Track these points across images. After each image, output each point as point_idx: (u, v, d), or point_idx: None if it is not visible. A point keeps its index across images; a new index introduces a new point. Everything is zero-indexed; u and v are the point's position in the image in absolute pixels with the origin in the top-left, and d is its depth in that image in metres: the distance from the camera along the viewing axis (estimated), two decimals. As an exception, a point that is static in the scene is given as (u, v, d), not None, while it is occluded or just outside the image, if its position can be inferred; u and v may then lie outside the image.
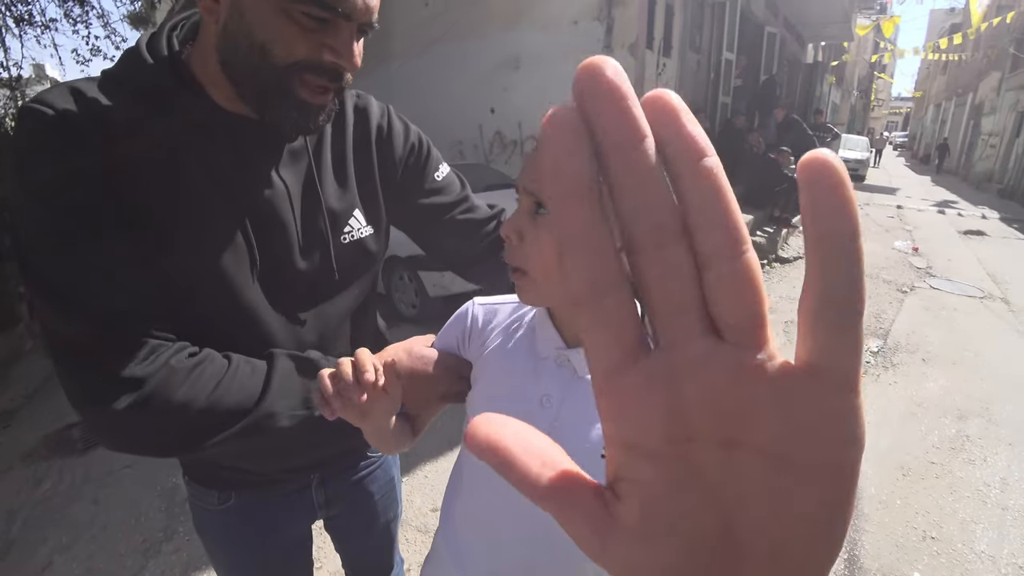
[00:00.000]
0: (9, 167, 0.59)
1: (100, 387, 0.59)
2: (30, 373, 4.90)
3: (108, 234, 0.60)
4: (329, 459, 0.94)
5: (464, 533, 0.71)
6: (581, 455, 0.45)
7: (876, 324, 4.46)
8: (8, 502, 2.78)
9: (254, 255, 0.70)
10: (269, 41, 0.60)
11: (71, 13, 5.87)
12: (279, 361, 0.69)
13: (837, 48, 14.29)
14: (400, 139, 0.87)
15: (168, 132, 0.64)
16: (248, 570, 0.95)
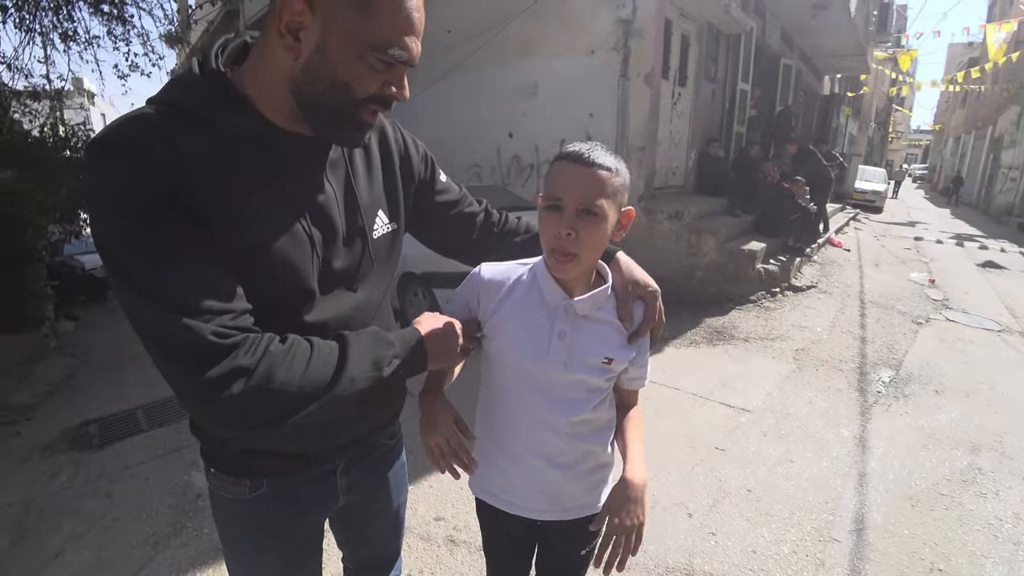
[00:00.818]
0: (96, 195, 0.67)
1: (214, 380, 0.65)
2: (52, 371, 5.04)
3: (194, 245, 0.68)
4: (354, 443, 1.00)
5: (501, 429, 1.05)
6: (590, 365, 0.97)
7: (888, 355, 4.42)
8: (25, 491, 2.86)
9: (315, 248, 0.81)
10: (351, 80, 0.73)
11: (114, 31, 6.16)
12: (349, 339, 0.79)
13: (854, 80, 14.37)
14: (415, 152, 1.04)
15: (228, 149, 0.73)
16: (270, 559, 0.98)
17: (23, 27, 5.60)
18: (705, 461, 2.86)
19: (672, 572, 2.08)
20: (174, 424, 3.58)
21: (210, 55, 0.78)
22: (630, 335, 0.99)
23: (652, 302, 1.01)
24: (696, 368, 4.18)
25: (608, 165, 0.88)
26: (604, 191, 0.88)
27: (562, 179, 0.89)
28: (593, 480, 1.08)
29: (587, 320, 0.98)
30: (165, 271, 0.66)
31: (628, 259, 1.05)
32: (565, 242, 0.88)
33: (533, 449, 1.02)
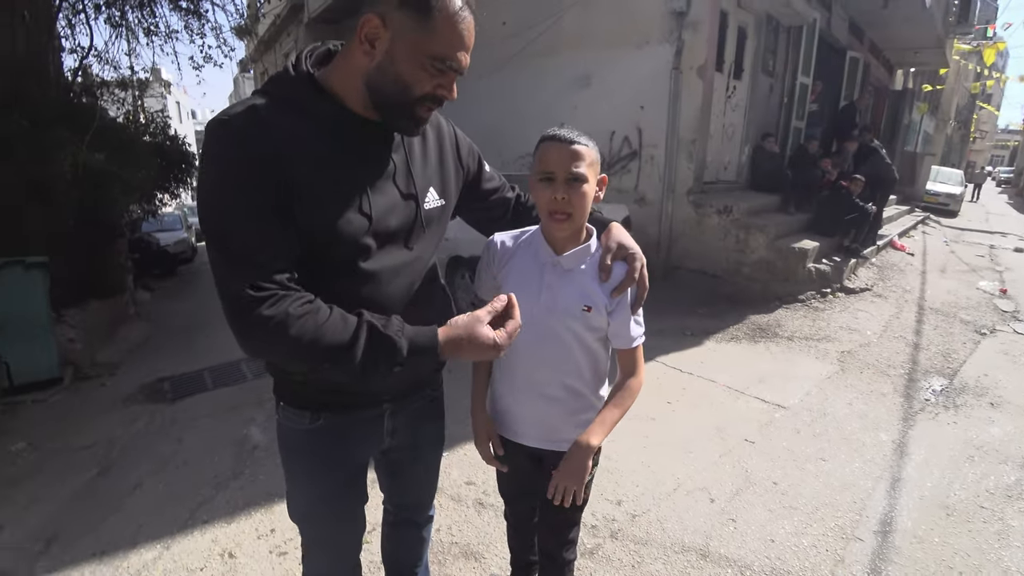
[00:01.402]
0: (202, 164, 0.89)
1: (243, 322, 0.85)
2: (132, 334, 5.57)
3: (266, 213, 0.86)
4: (403, 388, 1.17)
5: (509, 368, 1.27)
6: (571, 312, 1.10)
7: (943, 363, 4.24)
8: (111, 432, 3.26)
9: (369, 212, 0.97)
10: (411, 81, 0.92)
11: (191, 25, 6.63)
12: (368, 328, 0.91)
13: (931, 75, 13.46)
14: (465, 144, 1.24)
15: (314, 129, 0.92)
16: (324, 484, 1.15)
17: (112, 23, 6.12)
18: (733, 451, 2.89)
19: (687, 551, 2.15)
20: (236, 385, 3.93)
21: (300, 57, 0.98)
22: (612, 290, 1.16)
23: (632, 262, 1.16)
24: (735, 363, 4.16)
25: (584, 142, 1.11)
26: (585, 161, 1.10)
27: (551, 155, 1.10)
28: (583, 419, 1.24)
29: (572, 273, 1.18)
30: (240, 232, 0.85)
31: (620, 229, 1.22)
32: (560, 204, 1.10)
33: (530, 382, 1.25)
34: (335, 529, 1.20)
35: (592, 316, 1.17)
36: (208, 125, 0.88)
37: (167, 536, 2.28)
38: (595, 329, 1.20)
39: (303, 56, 0.99)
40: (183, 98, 29.03)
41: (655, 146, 6.21)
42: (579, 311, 1.17)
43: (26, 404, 3.76)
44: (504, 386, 1.30)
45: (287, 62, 0.98)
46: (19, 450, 3.09)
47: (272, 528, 2.30)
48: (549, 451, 1.27)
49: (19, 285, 3.83)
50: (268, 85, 0.96)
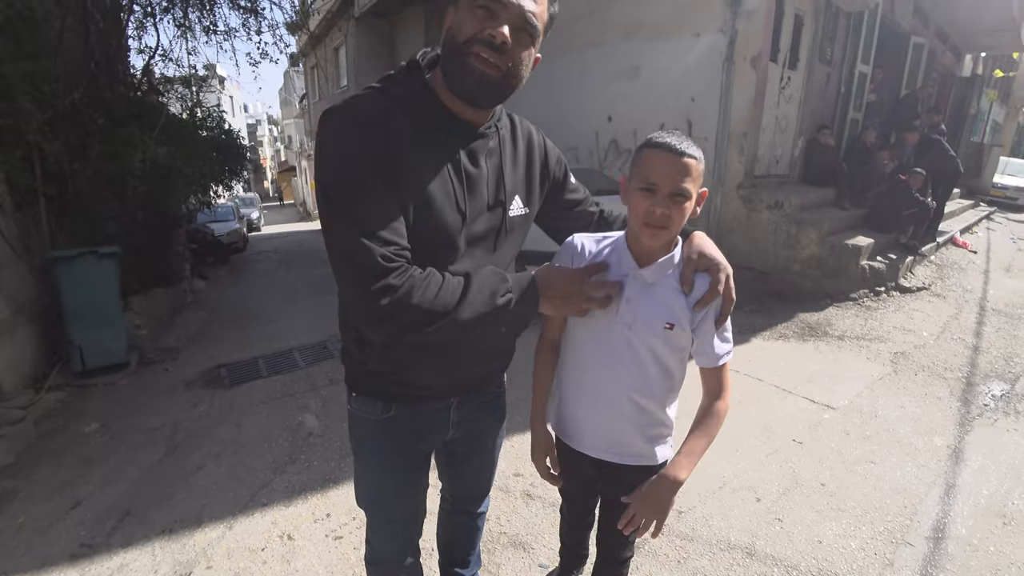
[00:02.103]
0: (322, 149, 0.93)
1: (372, 290, 0.89)
2: (191, 321, 5.87)
3: (385, 194, 0.92)
4: (468, 384, 1.22)
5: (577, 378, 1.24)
6: (653, 328, 1.07)
7: (1005, 367, 4.03)
8: (174, 415, 3.47)
9: (464, 213, 1.02)
10: (455, 28, 0.93)
11: (248, 23, 6.89)
12: (473, 274, 0.99)
13: (1004, 60, 12.57)
14: (553, 155, 1.26)
15: (422, 129, 0.97)
16: (395, 472, 1.21)
17: (176, 23, 6.43)
18: (780, 452, 2.85)
19: (733, 549, 2.16)
20: (289, 373, 4.11)
21: (416, 59, 1.04)
22: (694, 303, 1.08)
23: (716, 273, 1.08)
24: (783, 361, 4.07)
25: (695, 154, 1.02)
26: (691, 176, 1.02)
27: (657, 166, 1.02)
28: (651, 434, 1.21)
29: (654, 287, 1.11)
30: (363, 206, 0.90)
31: (703, 237, 1.16)
32: (659, 219, 1.03)
33: (597, 395, 1.20)
34: (399, 514, 1.27)
35: (675, 334, 1.11)
36: (326, 112, 0.94)
37: (229, 516, 2.42)
38: (678, 348, 1.14)
39: (419, 57, 1.04)
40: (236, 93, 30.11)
41: (705, 139, 6.07)
42: (661, 328, 1.10)
43: (97, 387, 4.03)
44: (570, 393, 1.27)
45: (403, 63, 1.04)
46: (92, 431, 3.32)
47: (328, 513, 2.42)
48: (611, 462, 1.25)
49: (92, 274, 4.10)
50: (383, 81, 1.01)
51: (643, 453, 1.22)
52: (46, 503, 2.58)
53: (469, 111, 1.01)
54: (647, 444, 1.22)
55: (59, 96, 4.28)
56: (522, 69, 0.97)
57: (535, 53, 1.00)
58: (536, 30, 0.95)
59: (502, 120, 1.12)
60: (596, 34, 6.85)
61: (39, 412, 3.52)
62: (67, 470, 2.87)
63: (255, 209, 19.90)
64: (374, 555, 1.32)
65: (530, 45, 0.96)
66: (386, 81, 1.01)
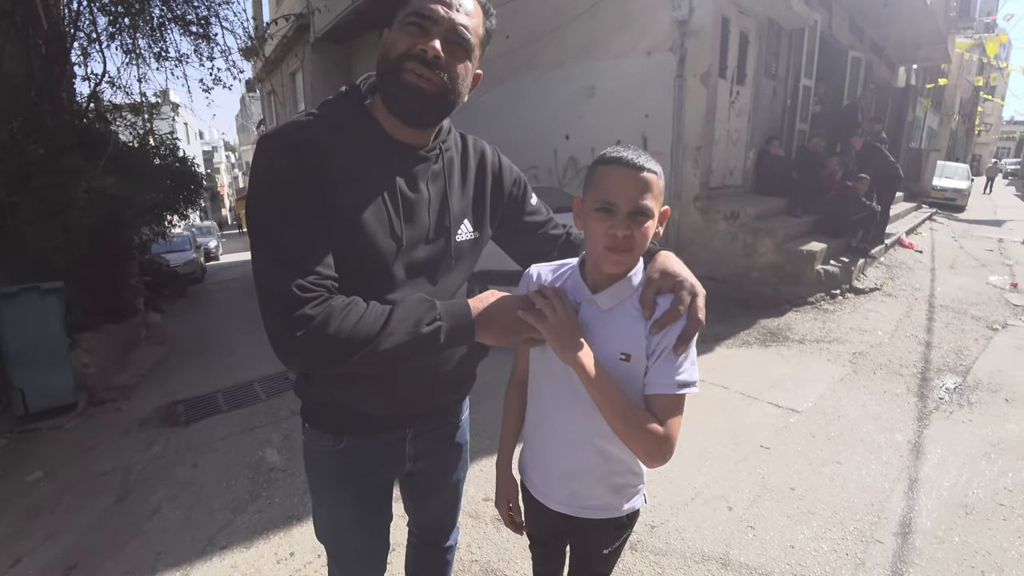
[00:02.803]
0: (253, 175, 0.91)
1: (285, 322, 0.85)
2: (145, 356, 5.61)
3: (312, 222, 0.89)
4: (422, 415, 1.17)
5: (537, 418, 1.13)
6: (608, 357, 0.92)
7: (956, 361, 4.21)
8: (127, 458, 3.29)
9: (400, 239, 0.98)
10: (389, 47, 0.93)
11: (200, 49, 6.75)
12: (400, 302, 0.94)
13: (934, 70, 13.41)
14: (508, 174, 1.20)
15: (356, 153, 0.95)
16: (348, 505, 1.16)
17: (125, 49, 6.24)
18: (749, 458, 2.88)
19: (708, 560, 2.15)
20: (249, 406, 3.96)
21: (356, 84, 1.03)
22: (651, 324, 0.95)
23: (679, 292, 0.96)
24: (747, 368, 4.15)
25: (654, 168, 0.94)
26: (653, 192, 0.93)
27: (615, 183, 0.92)
28: (618, 483, 1.07)
29: (610, 314, 0.99)
30: (285, 235, 0.88)
31: (669, 256, 1.05)
32: (620, 242, 0.92)
33: (557, 440, 1.08)
34: (358, 548, 1.22)
35: (632, 366, 0.96)
36: (260, 139, 0.93)
37: (186, 563, 2.29)
38: (638, 382, 0.97)
39: (359, 83, 1.03)
40: (191, 119, 29.46)
41: (661, 154, 6.23)
42: (616, 360, 0.95)
43: (41, 431, 3.80)
44: (531, 437, 1.15)
45: (343, 88, 1.03)
46: (36, 480, 3.12)
47: (291, 552, 2.31)
48: (582, 519, 1.10)
49: (35, 311, 3.88)
50: (320, 107, 1.00)
51: (609, 505, 1.09)
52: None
53: (411, 133, 0.99)
54: (614, 495, 1.08)
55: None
56: (460, 84, 0.96)
57: (474, 68, 0.99)
58: (470, 44, 0.94)
59: (448, 141, 1.09)
60: (553, 55, 7.00)
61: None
62: (6, 524, 2.68)
63: (213, 238, 19.39)
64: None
65: (465, 59, 0.95)
66: (324, 107, 1.00)
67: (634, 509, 1.12)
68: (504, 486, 1.24)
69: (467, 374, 1.21)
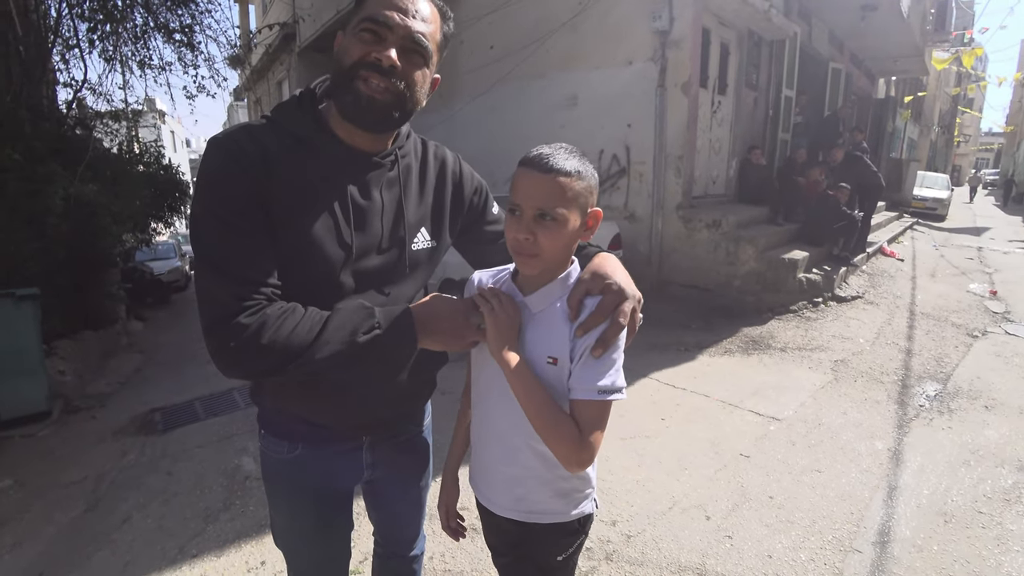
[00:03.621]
0: (198, 180, 0.89)
1: (220, 331, 0.85)
2: (124, 364, 5.52)
3: (254, 229, 0.88)
4: (378, 424, 1.14)
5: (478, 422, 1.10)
6: (536, 361, 0.91)
7: (936, 368, 4.25)
8: (100, 466, 3.22)
9: (350, 247, 0.96)
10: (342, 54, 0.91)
11: (184, 57, 6.72)
12: (337, 309, 0.92)
13: (913, 82, 13.69)
14: (469, 183, 1.18)
15: (307, 160, 0.93)
16: (303, 513, 1.14)
17: (105, 56, 6.20)
18: (728, 467, 2.87)
19: (684, 571, 2.13)
20: (227, 414, 3.89)
21: (311, 88, 1.00)
22: (576, 327, 0.93)
23: (609, 296, 0.93)
24: (728, 376, 4.15)
25: (568, 170, 0.89)
26: (563, 196, 0.89)
27: (521, 185, 0.91)
28: (563, 488, 1.04)
29: (540, 316, 0.97)
30: (224, 244, 0.86)
31: (606, 258, 1.01)
32: (524, 245, 0.91)
33: (498, 443, 1.05)
34: (316, 556, 1.19)
35: (559, 369, 0.93)
36: (208, 142, 0.91)
37: (155, 572, 2.23)
38: (563, 384, 0.95)
39: (314, 88, 1.00)
40: (177, 128, 29.29)
41: (643, 163, 6.28)
42: (544, 363, 0.93)
43: (13, 440, 3.71)
44: (476, 444, 1.12)
45: (297, 91, 1.00)
46: (4, 488, 3.04)
47: (262, 560, 2.26)
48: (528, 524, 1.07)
49: (9, 318, 3.80)
50: (272, 112, 0.98)
51: (555, 510, 1.05)
52: (-56, 574, 2.32)
53: (366, 139, 0.97)
54: (560, 500, 1.05)
55: (-29, 132, 4.02)
56: (417, 91, 0.94)
57: (432, 74, 0.97)
58: (427, 50, 0.92)
59: (407, 147, 1.07)
60: (536, 66, 7.06)
61: (-57, 472, 3.19)
62: (-29, 536, 2.60)
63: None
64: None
65: (423, 66, 0.94)
66: (277, 112, 0.98)
67: (584, 514, 1.09)
68: (446, 492, 1.24)
69: (424, 382, 1.19)
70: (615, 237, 5.45)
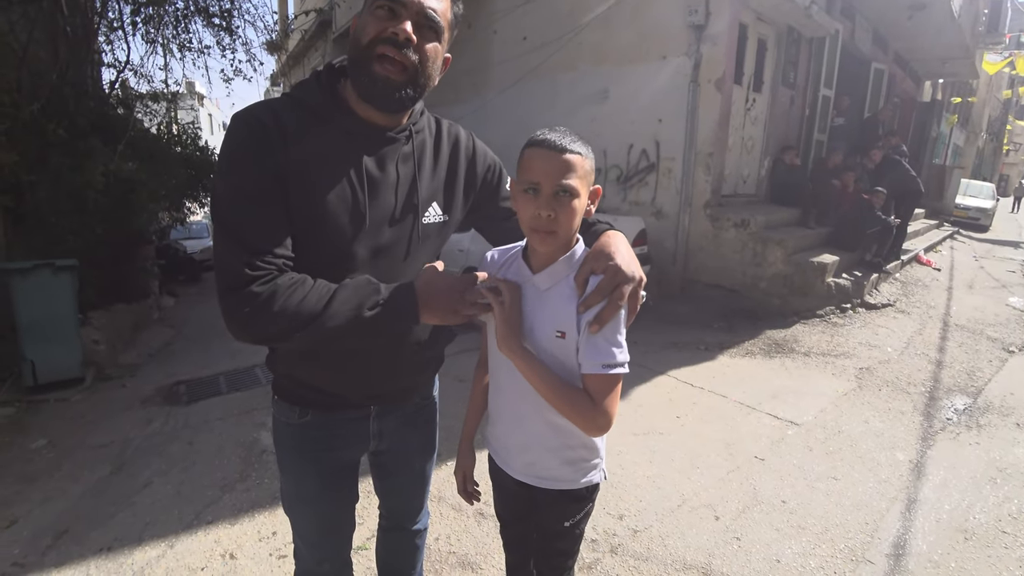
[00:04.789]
0: (220, 152, 0.94)
1: (234, 299, 0.89)
2: (154, 338, 5.72)
3: (271, 201, 0.92)
4: (385, 395, 1.18)
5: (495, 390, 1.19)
6: (545, 337, 0.98)
7: (967, 381, 4.10)
8: (126, 432, 3.35)
9: (364, 218, 1.00)
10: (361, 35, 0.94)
11: (222, 41, 6.87)
12: (345, 283, 0.96)
13: (962, 86, 13.12)
14: (482, 159, 1.21)
15: (324, 135, 0.97)
16: (310, 478, 1.17)
17: (148, 39, 6.38)
18: (741, 468, 2.83)
19: (689, 569, 2.11)
20: (249, 390, 4.00)
21: (331, 64, 1.04)
22: (579, 303, 0.99)
23: (609, 275, 0.97)
24: (748, 378, 4.08)
25: (578, 150, 0.96)
26: (577, 173, 0.95)
27: (538, 164, 0.96)
28: (570, 456, 1.11)
29: (548, 293, 1.04)
30: (241, 215, 0.91)
31: (613, 236, 1.05)
32: (544, 222, 0.96)
33: (512, 413, 1.13)
34: (318, 523, 1.22)
35: (567, 343, 1.00)
36: (232, 117, 0.96)
37: (172, 535, 2.32)
38: (571, 357, 1.02)
39: (333, 64, 1.04)
40: (215, 111, 29.98)
41: (672, 159, 6.19)
42: (552, 337, 1.01)
43: (48, 403, 3.88)
44: (494, 411, 1.20)
45: (316, 68, 1.04)
46: (39, 447, 3.19)
47: (274, 531, 2.33)
48: (539, 488, 1.14)
49: (48, 287, 3.97)
50: (292, 88, 1.02)
51: (564, 477, 1.12)
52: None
53: (381, 116, 1.01)
54: (568, 467, 1.11)
55: (20, 107, 4.19)
56: (429, 66, 0.97)
57: (444, 51, 1.00)
58: (439, 26, 0.96)
59: (421, 123, 1.10)
60: (567, 58, 6.99)
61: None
62: (6, 487, 2.75)
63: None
64: (297, 562, 1.30)
65: (435, 40, 0.97)
66: (297, 88, 1.02)
67: (592, 483, 1.15)
68: (461, 457, 1.30)
69: (431, 357, 1.22)
70: (640, 232, 5.39)
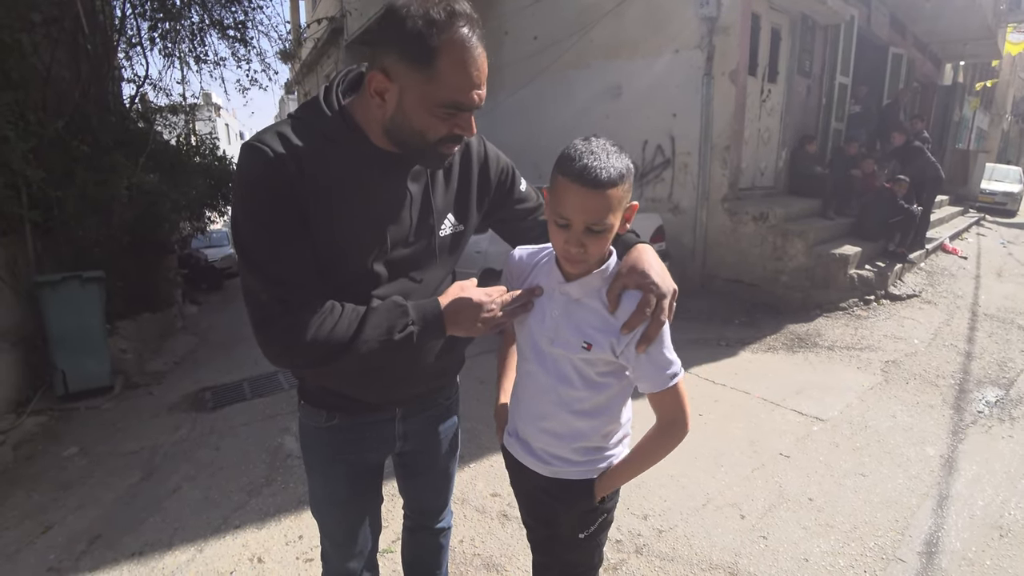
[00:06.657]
0: (235, 185, 0.95)
1: (266, 332, 0.93)
2: (179, 345, 5.83)
3: (291, 230, 0.92)
4: (410, 398, 1.20)
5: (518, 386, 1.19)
6: (571, 346, 1.05)
7: (998, 373, 3.99)
8: (154, 439, 3.43)
9: (384, 240, 1.02)
10: (424, 129, 0.93)
11: (237, 52, 6.99)
12: (373, 306, 0.98)
13: (984, 67, 12.73)
14: (494, 163, 1.20)
15: (336, 157, 0.97)
16: (337, 480, 1.20)
17: (165, 53, 6.52)
18: (766, 466, 2.79)
19: (715, 569, 2.09)
20: (272, 395, 4.06)
21: (333, 85, 1.01)
22: (621, 326, 0.98)
23: (646, 293, 0.97)
24: (771, 374, 4.03)
25: (614, 179, 0.91)
26: (612, 208, 0.92)
27: (569, 201, 0.93)
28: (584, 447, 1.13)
29: (579, 304, 1.04)
30: (264, 248, 0.92)
31: (644, 251, 1.05)
32: (574, 255, 0.97)
33: (533, 413, 1.15)
34: (346, 525, 1.25)
35: (594, 355, 1.02)
36: (241, 147, 0.95)
37: (201, 539, 2.37)
38: (602, 370, 1.05)
39: (336, 83, 1.02)
40: (232, 121, 30.48)
41: (688, 153, 6.13)
42: (579, 347, 1.02)
43: (79, 411, 3.99)
44: (514, 409, 1.22)
45: (320, 88, 1.03)
46: (71, 455, 3.28)
47: (300, 535, 2.36)
48: (554, 479, 1.15)
49: (77, 298, 4.08)
50: (300, 111, 1.01)
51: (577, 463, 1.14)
52: (17, 528, 2.55)
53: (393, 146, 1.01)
54: (581, 456, 1.13)
55: (45, 125, 4.30)
56: None
57: None
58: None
59: None
60: (579, 55, 6.96)
61: (19, 437, 3.48)
62: (41, 494, 2.83)
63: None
64: (324, 565, 1.33)
65: None
66: (303, 110, 1.00)
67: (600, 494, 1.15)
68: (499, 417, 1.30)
69: (452, 361, 1.25)
70: (658, 229, 5.35)
